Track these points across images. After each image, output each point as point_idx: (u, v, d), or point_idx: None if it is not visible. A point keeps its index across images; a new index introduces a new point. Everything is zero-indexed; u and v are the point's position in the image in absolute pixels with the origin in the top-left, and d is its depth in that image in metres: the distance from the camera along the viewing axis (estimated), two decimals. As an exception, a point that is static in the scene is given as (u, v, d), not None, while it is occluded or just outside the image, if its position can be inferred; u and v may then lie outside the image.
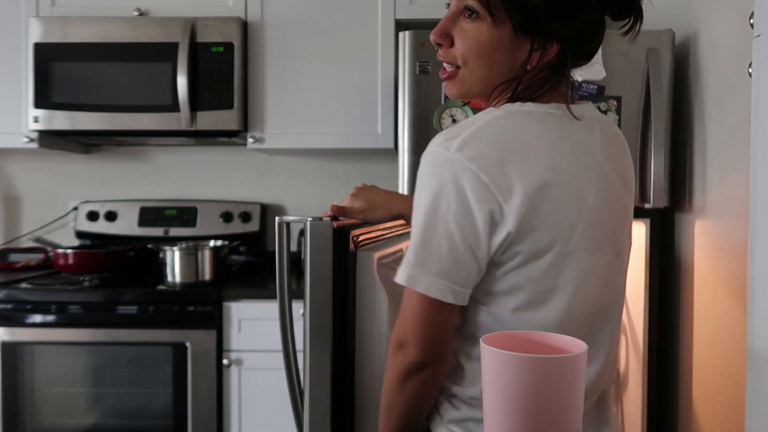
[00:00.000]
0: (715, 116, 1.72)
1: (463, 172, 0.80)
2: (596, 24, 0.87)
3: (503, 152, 0.81)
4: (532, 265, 0.83)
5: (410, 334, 0.85)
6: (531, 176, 0.80)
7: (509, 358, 0.61)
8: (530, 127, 0.84)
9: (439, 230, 0.82)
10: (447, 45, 0.90)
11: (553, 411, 0.61)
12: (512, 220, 0.80)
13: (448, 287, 0.82)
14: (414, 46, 1.94)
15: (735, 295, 1.53)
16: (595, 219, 0.86)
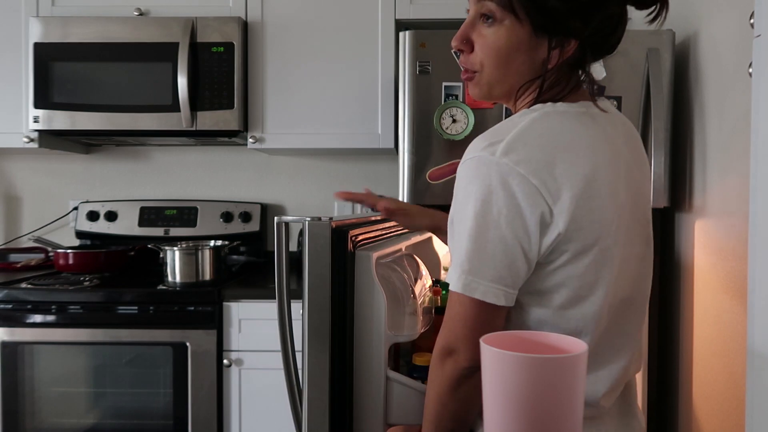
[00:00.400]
0: (715, 116, 1.72)
1: (512, 177, 0.80)
2: (617, 18, 0.89)
3: (549, 155, 0.82)
4: (577, 263, 0.84)
5: (461, 339, 0.84)
6: (577, 177, 0.81)
7: (509, 358, 0.61)
8: (570, 127, 0.85)
9: (492, 235, 0.82)
10: (468, 51, 0.91)
11: (553, 411, 0.61)
12: (562, 221, 0.81)
13: (502, 291, 0.82)
14: (414, 46, 1.94)
15: (735, 295, 1.53)
16: (627, 213, 0.87)
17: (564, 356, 0.62)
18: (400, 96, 1.97)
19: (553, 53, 0.86)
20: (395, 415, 1.02)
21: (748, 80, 0.99)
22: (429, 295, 1.33)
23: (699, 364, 1.75)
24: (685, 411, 1.84)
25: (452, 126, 1.94)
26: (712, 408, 1.65)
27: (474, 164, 0.83)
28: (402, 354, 1.29)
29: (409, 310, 1.15)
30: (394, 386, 1.02)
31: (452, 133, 1.94)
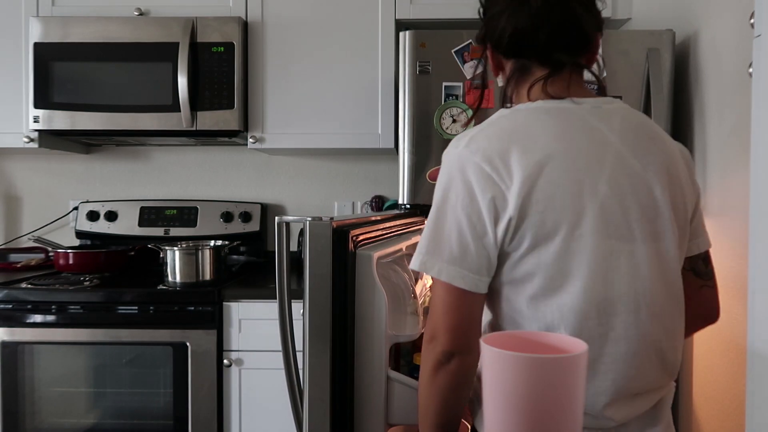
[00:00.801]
0: (715, 116, 1.72)
1: (468, 164, 0.88)
2: (498, 17, 0.97)
3: (505, 144, 0.88)
4: (542, 250, 0.87)
5: (439, 324, 0.89)
6: (529, 163, 0.86)
7: (509, 358, 0.61)
8: (535, 120, 0.91)
9: (449, 220, 0.89)
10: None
11: (553, 411, 0.61)
12: (513, 204, 0.85)
13: (458, 272, 0.87)
14: (414, 46, 1.94)
15: (735, 295, 1.53)
16: (612, 205, 0.88)
17: (564, 356, 0.62)
18: (401, 96, 1.97)
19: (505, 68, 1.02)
20: (396, 415, 1.02)
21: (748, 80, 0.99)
22: (430, 295, 1.33)
23: (699, 364, 1.76)
24: (686, 411, 1.84)
25: (452, 126, 1.94)
26: (712, 408, 1.65)
27: (445, 157, 0.93)
28: (403, 354, 1.29)
29: (409, 309, 1.15)
30: (395, 386, 1.02)
31: (452, 133, 1.95)
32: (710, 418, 1.66)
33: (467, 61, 1.94)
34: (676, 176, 0.94)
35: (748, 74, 0.97)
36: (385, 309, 1.01)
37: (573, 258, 0.87)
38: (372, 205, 2.69)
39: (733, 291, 1.54)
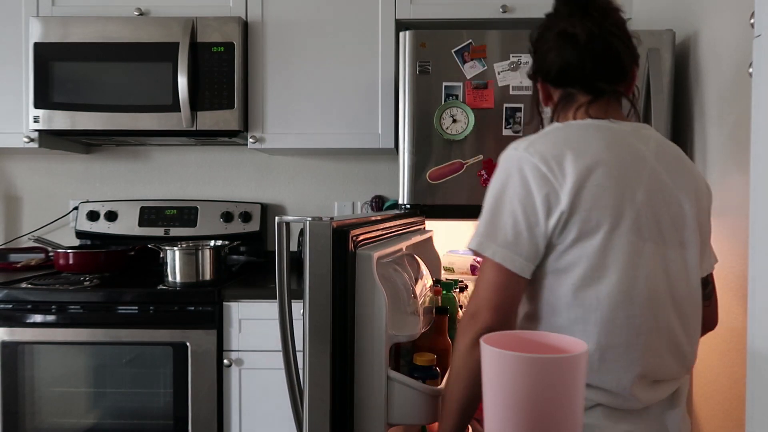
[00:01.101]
0: (715, 116, 1.72)
1: (526, 164, 1.01)
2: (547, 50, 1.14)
3: (560, 150, 1.01)
4: (585, 244, 0.99)
5: (483, 302, 1.00)
6: (580, 165, 1.00)
7: (510, 358, 0.61)
8: (585, 132, 1.06)
9: (506, 210, 1.01)
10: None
11: (554, 410, 0.61)
12: (565, 200, 0.98)
13: (510, 256, 0.99)
14: (414, 46, 1.94)
15: (735, 295, 1.53)
16: (647, 212, 1.01)
17: (564, 356, 0.62)
18: (401, 96, 1.97)
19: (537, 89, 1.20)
20: (396, 415, 1.02)
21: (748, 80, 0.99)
22: (429, 295, 1.33)
23: (699, 364, 1.76)
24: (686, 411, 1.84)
25: (452, 126, 1.94)
26: (712, 408, 1.65)
27: (503, 157, 1.06)
28: (403, 354, 1.29)
29: (409, 309, 1.15)
30: (395, 386, 1.02)
31: (452, 133, 1.95)
32: (710, 418, 1.66)
33: (467, 61, 1.94)
34: (701, 200, 1.10)
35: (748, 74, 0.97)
36: (385, 309, 1.01)
37: (611, 253, 0.99)
38: (372, 205, 2.69)
39: (733, 291, 1.54)
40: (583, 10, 1.10)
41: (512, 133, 1.94)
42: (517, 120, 1.94)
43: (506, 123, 1.94)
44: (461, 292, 1.65)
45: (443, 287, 1.45)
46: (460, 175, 1.95)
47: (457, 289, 1.55)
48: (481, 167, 1.95)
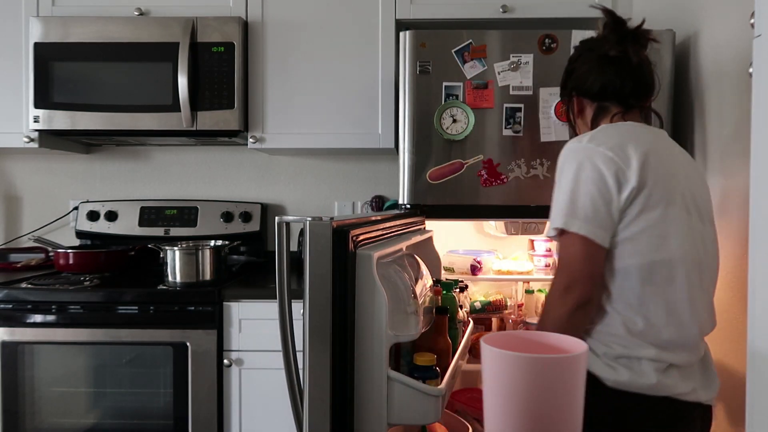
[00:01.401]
0: (715, 116, 1.72)
1: (595, 154, 1.19)
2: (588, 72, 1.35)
3: (619, 140, 1.21)
4: (648, 215, 1.18)
5: (576, 273, 1.16)
6: (640, 151, 1.20)
7: (510, 358, 0.61)
8: (633, 129, 1.27)
9: (582, 192, 1.18)
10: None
11: (554, 410, 0.61)
12: (634, 178, 1.17)
13: (592, 229, 1.16)
14: (414, 46, 1.94)
15: (735, 295, 1.53)
16: (689, 193, 1.23)
17: (564, 356, 0.62)
18: (401, 96, 1.97)
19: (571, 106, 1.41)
20: (396, 415, 1.02)
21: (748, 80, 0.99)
22: (430, 295, 1.33)
23: (699, 363, 1.75)
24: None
25: (452, 126, 1.94)
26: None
27: (568, 150, 1.24)
28: (403, 354, 1.29)
29: (410, 309, 1.15)
30: (395, 386, 1.02)
31: (452, 133, 1.95)
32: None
33: (467, 61, 1.94)
34: (708, 192, 1.33)
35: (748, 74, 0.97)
36: (386, 309, 1.01)
37: (669, 224, 1.18)
38: (372, 205, 2.69)
39: (734, 291, 1.54)
40: (633, 38, 1.33)
41: (512, 133, 1.94)
42: (517, 120, 1.94)
43: (506, 123, 1.94)
44: (461, 292, 1.65)
45: (443, 287, 1.45)
46: (460, 175, 1.95)
47: (457, 289, 1.55)
48: (481, 167, 1.95)
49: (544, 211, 1.99)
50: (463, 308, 1.59)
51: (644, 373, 1.15)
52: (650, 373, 1.15)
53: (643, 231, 1.17)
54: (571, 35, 1.92)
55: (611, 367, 1.16)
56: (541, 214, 1.97)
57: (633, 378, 1.15)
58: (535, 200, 1.95)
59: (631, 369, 1.16)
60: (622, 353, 1.16)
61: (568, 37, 1.93)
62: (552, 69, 1.92)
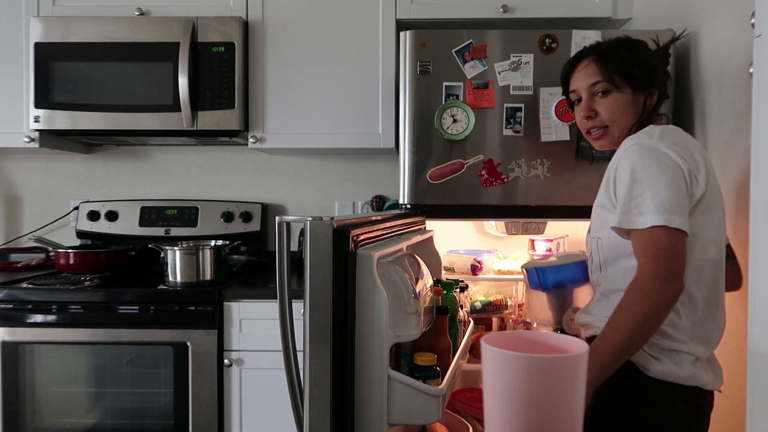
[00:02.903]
0: (716, 116, 1.72)
1: (669, 150, 1.23)
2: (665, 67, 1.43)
3: (684, 143, 1.27)
4: (704, 217, 1.25)
5: (680, 266, 1.17)
6: (700, 154, 1.28)
7: (510, 358, 0.61)
8: (680, 132, 1.34)
9: (674, 188, 1.19)
10: (594, 116, 1.39)
11: (554, 409, 0.61)
12: (702, 181, 1.24)
13: (685, 223, 1.18)
14: (415, 45, 1.94)
15: (735, 294, 1.53)
16: (719, 190, 1.32)
17: (564, 356, 0.62)
18: (401, 96, 1.97)
19: (648, 101, 1.38)
20: (396, 415, 1.02)
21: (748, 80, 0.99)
22: (430, 295, 1.33)
23: (699, 363, 1.75)
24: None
25: (453, 126, 1.94)
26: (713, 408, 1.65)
27: (640, 147, 1.25)
28: (403, 354, 1.29)
29: (410, 309, 1.14)
30: (396, 386, 1.02)
31: (453, 133, 1.94)
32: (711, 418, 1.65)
33: (468, 60, 1.94)
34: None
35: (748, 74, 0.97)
36: (386, 309, 1.01)
37: (716, 227, 1.28)
38: (372, 205, 2.69)
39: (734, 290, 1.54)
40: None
41: (513, 133, 1.94)
42: (518, 120, 1.94)
43: (506, 123, 1.94)
44: (462, 292, 1.65)
45: (443, 287, 1.45)
46: (460, 175, 1.95)
47: (457, 289, 1.55)
48: (481, 167, 1.95)
49: (545, 211, 2.00)
50: (463, 308, 1.59)
51: (683, 364, 1.25)
52: (687, 365, 1.25)
53: (698, 232, 1.24)
54: (571, 35, 1.92)
55: (656, 359, 1.24)
56: (542, 214, 1.96)
57: (674, 369, 1.24)
58: (536, 200, 1.95)
59: (673, 360, 1.24)
60: (667, 346, 1.25)
61: (568, 36, 1.93)
62: (552, 69, 1.92)
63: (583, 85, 1.40)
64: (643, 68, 1.36)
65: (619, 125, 1.37)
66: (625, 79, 1.35)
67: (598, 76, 1.37)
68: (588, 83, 1.39)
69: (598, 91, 1.38)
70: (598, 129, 1.39)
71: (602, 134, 1.39)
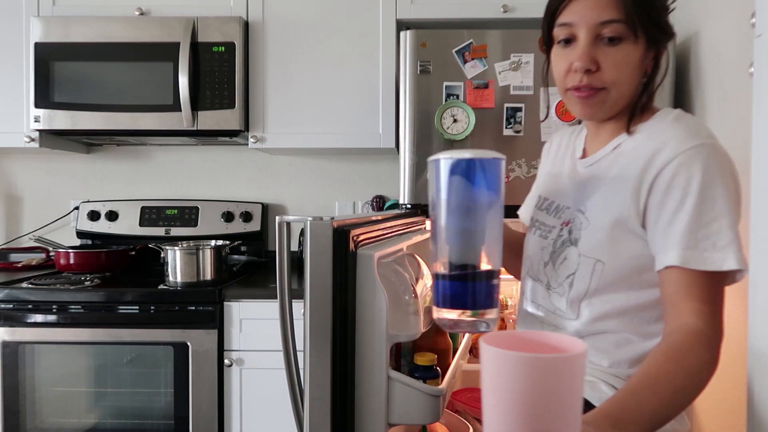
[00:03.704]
0: (716, 116, 1.72)
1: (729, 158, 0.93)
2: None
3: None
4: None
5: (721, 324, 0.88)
6: None
7: (510, 357, 0.61)
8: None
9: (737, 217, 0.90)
10: (595, 70, 0.96)
11: (553, 410, 0.61)
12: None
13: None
14: (415, 45, 1.94)
15: (736, 294, 1.53)
16: None
17: (564, 356, 0.62)
18: (401, 96, 1.97)
19: (650, 64, 0.99)
20: (396, 415, 1.01)
21: (748, 80, 0.99)
22: (430, 295, 1.33)
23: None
24: (686, 411, 1.83)
25: (453, 126, 1.94)
26: (713, 408, 1.65)
27: (712, 150, 0.91)
28: (404, 354, 1.29)
29: (410, 309, 1.15)
30: (396, 386, 1.02)
31: (453, 133, 1.95)
32: (710, 418, 1.66)
33: (468, 60, 1.94)
34: None
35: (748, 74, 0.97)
36: (386, 309, 1.01)
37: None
38: (373, 205, 2.69)
39: (734, 291, 1.54)
40: None
41: (513, 133, 1.94)
42: (518, 120, 1.94)
43: (507, 123, 1.94)
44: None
45: (444, 287, 1.45)
46: (460, 174, 1.95)
47: (457, 288, 1.55)
48: (481, 167, 1.95)
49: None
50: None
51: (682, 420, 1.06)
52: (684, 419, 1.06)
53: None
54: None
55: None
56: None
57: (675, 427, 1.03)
58: (536, 200, 1.95)
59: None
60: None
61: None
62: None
63: (587, 20, 0.95)
64: (663, 15, 0.98)
65: (620, 90, 0.98)
66: (647, 25, 0.95)
67: (615, 13, 0.94)
68: (597, 20, 0.94)
69: (607, 35, 0.95)
70: (591, 89, 0.98)
71: (593, 95, 0.98)
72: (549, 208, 1.13)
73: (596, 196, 1.01)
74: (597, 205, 1.00)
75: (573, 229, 1.03)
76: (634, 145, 0.99)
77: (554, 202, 1.12)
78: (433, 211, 0.86)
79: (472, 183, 0.82)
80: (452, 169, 0.83)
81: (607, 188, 0.99)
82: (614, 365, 0.98)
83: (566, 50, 0.99)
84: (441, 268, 0.88)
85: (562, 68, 1.00)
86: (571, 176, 1.10)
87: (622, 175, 0.97)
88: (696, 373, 0.85)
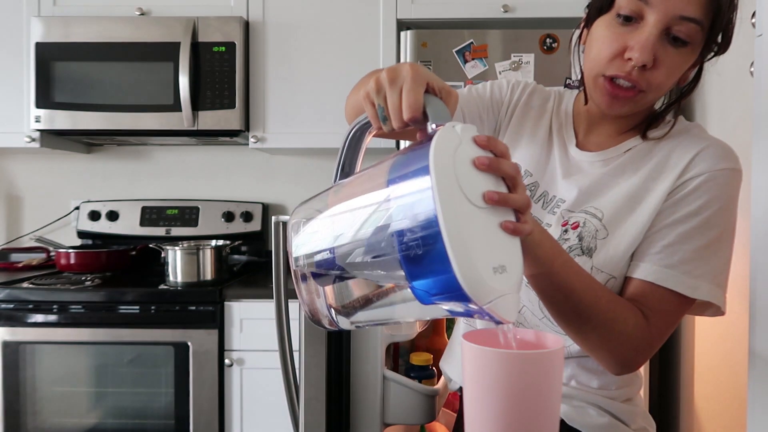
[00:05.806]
0: (717, 116, 1.71)
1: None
2: None
3: None
4: None
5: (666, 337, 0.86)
6: None
7: (490, 355, 0.61)
8: None
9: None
10: (650, 67, 0.82)
11: (532, 405, 0.62)
12: None
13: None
14: (416, 45, 1.94)
15: (736, 295, 1.53)
16: None
17: (542, 352, 0.63)
18: (401, 95, 1.96)
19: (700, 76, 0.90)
20: (392, 415, 1.01)
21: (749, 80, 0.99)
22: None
23: (700, 364, 1.75)
24: (687, 411, 1.83)
25: (453, 125, 1.94)
26: (713, 408, 1.64)
27: (740, 178, 0.87)
28: (401, 354, 1.28)
29: (407, 309, 1.14)
30: (391, 386, 1.02)
31: (453, 133, 1.94)
32: (712, 418, 1.65)
33: (468, 60, 1.94)
34: None
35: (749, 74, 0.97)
36: (383, 308, 1.00)
37: None
38: (373, 205, 2.68)
39: (734, 290, 1.53)
40: None
41: (513, 132, 1.94)
42: (518, 119, 1.94)
43: (507, 122, 1.94)
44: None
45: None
46: (460, 174, 1.95)
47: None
48: (482, 167, 1.94)
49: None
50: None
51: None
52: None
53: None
54: (572, 35, 1.92)
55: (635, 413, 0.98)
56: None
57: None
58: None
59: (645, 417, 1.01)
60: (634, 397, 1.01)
61: (569, 36, 1.92)
62: (553, 68, 1.91)
63: (667, 6, 0.79)
64: (731, 28, 0.86)
65: (657, 95, 0.87)
66: (717, 35, 0.84)
67: (698, 12, 0.79)
68: (678, 12, 0.79)
69: (677, 34, 0.80)
70: (636, 89, 0.83)
71: (633, 96, 0.84)
72: (534, 193, 0.96)
73: (619, 205, 0.87)
74: (620, 214, 0.87)
75: (585, 236, 0.87)
76: (662, 155, 0.89)
77: (544, 190, 0.96)
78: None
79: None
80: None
81: (633, 199, 0.87)
82: (603, 387, 0.94)
83: (624, 29, 0.82)
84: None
85: (610, 49, 0.83)
86: (564, 165, 0.96)
87: (652, 187, 0.86)
88: (614, 322, 0.79)
